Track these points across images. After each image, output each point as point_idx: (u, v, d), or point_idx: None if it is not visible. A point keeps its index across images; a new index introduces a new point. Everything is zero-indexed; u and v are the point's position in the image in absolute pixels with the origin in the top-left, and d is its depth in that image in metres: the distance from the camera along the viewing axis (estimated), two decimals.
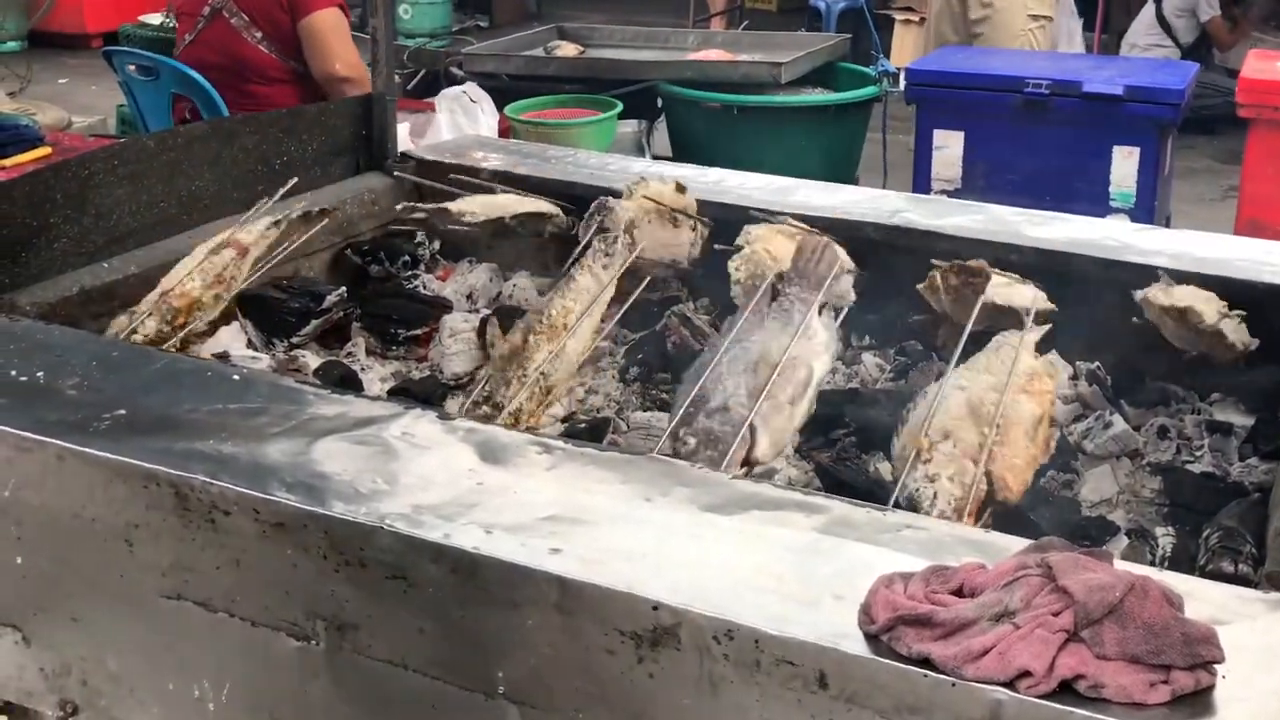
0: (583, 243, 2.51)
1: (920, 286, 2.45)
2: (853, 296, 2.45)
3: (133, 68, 4.87)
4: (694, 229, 2.71)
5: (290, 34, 4.30)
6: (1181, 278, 2.38)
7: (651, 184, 2.71)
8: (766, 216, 2.65)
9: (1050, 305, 2.36)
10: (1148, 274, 2.41)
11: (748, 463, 1.99)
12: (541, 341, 2.26)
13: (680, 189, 2.73)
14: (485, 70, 4.90)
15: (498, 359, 2.28)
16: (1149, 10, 8.95)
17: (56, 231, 2.48)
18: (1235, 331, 2.29)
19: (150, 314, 2.34)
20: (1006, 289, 2.38)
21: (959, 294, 2.38)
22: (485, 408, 2.17)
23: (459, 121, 4.03)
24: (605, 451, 1.88)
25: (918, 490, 1.89)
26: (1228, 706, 1.31)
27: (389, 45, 3.11)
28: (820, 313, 2.28)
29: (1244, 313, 2.31)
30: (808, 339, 2.20)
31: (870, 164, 5.47)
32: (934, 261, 2.44)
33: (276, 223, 2.61)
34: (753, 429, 2.01)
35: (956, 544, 1.59)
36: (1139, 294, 2.34)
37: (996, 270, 2.39)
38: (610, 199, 2.63)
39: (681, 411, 2.04)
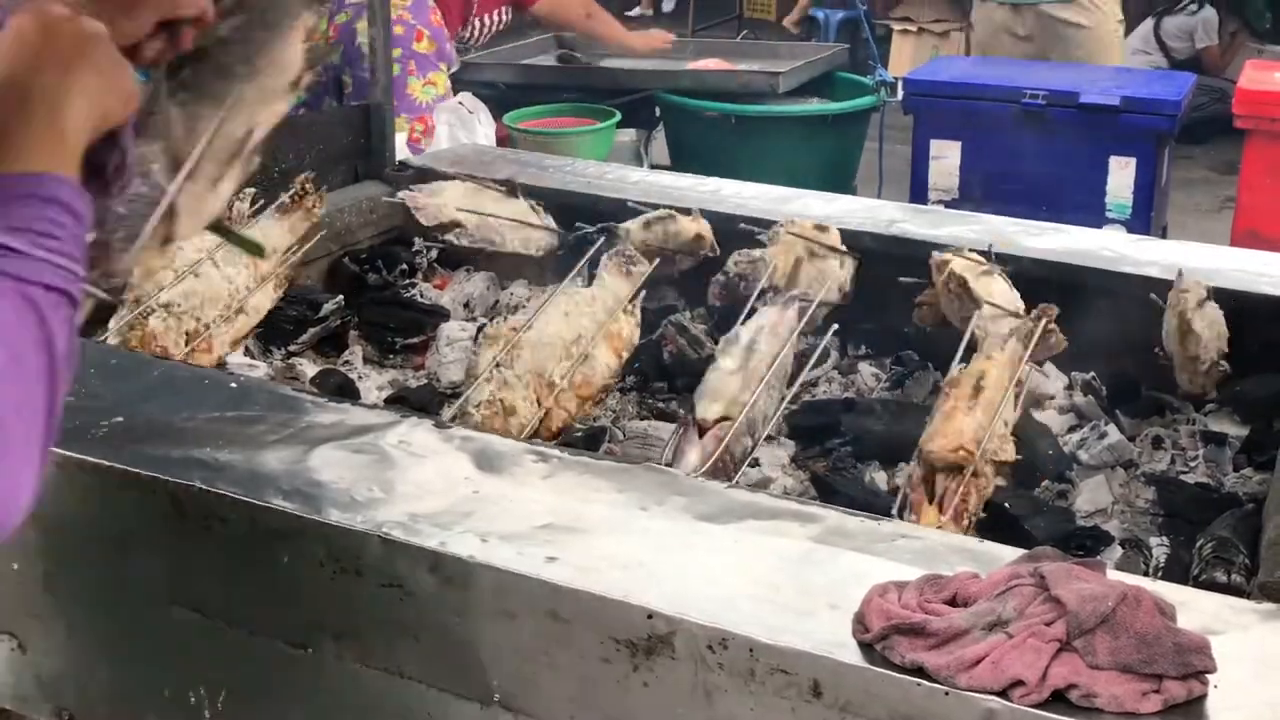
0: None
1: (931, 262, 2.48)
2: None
3: None
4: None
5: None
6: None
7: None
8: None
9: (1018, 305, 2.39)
10: (1145, 284, 2.41)
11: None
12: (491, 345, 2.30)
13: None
14: (483, 79, 4.91)
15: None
16: (1146, 24, 8.97)
17: None
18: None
19: None
20: (982, 281, 2.40)
21: (957, 296, 2.39)
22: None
23: (456, 132, 4.04)
24: (601, 460, 1.89)
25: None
26: (1220, 716, 1.32)
27: (386, 55, 3.12)
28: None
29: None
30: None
31: (868, 173, 5.48)
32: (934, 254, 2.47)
33: None
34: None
35: (950, 553, 1.59)
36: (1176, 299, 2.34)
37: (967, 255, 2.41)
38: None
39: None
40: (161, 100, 1.69)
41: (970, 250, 2.50)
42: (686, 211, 2.76)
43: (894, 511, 1.87)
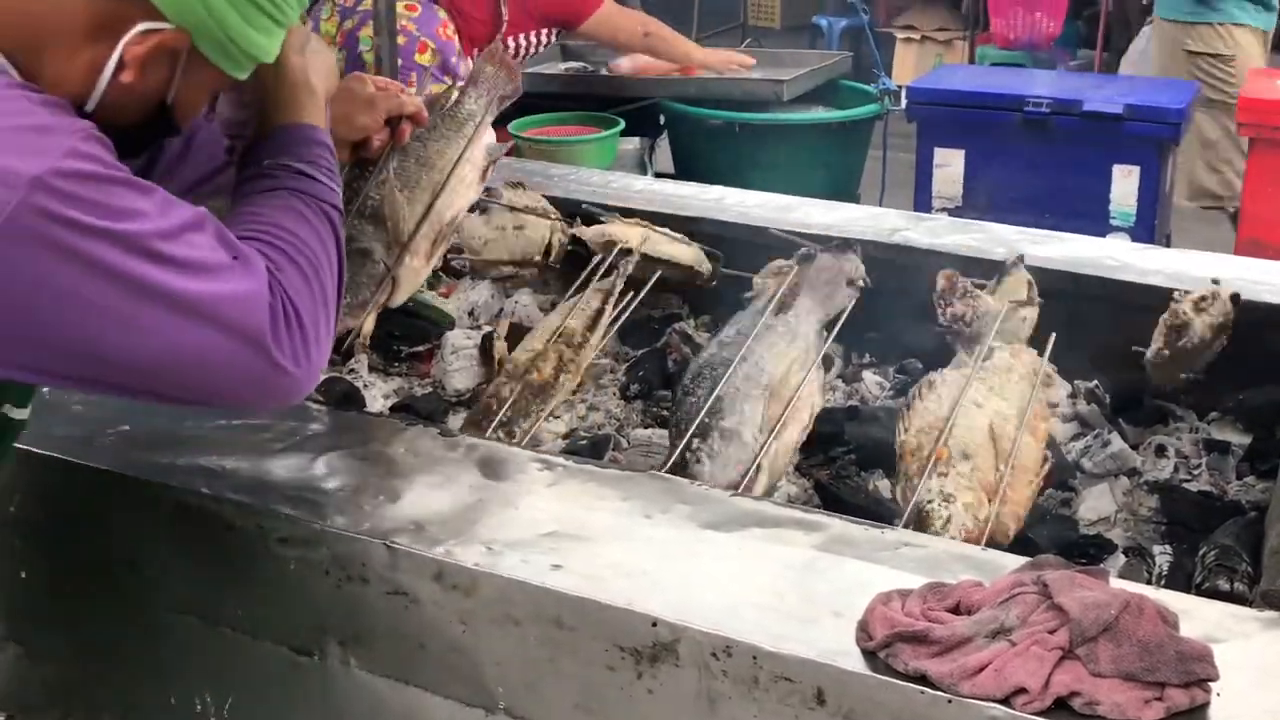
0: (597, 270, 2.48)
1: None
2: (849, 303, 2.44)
3: None
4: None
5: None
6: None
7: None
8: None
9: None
10: (1148, 293, 2.42)
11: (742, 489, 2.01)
12: (569, 379, 2.25)
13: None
14: None
15: (524, 389, 2.21)
16: (1147, 40, 8.92)
17: None
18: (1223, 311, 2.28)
19: None
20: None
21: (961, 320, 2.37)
22: (500, 434, 2.14)
23: None
24: (606, 468, 1.90)
25: (932, 506, 1.88)
26: None
27: (392, 64, 3.13)
28: (825, 336, 2.29)
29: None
30: (817, 371, 2.20)
31: (872, 181, 5.48)
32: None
33: None
34: (759, 466, 2.01)
35: (954, 561, 1.60)
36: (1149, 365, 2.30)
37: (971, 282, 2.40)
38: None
39: (698, 421, 2.03)
40: (389, 188, 2.05)
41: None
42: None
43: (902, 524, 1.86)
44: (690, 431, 2.03)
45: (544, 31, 4.57)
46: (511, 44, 4.44)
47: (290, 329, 1.48)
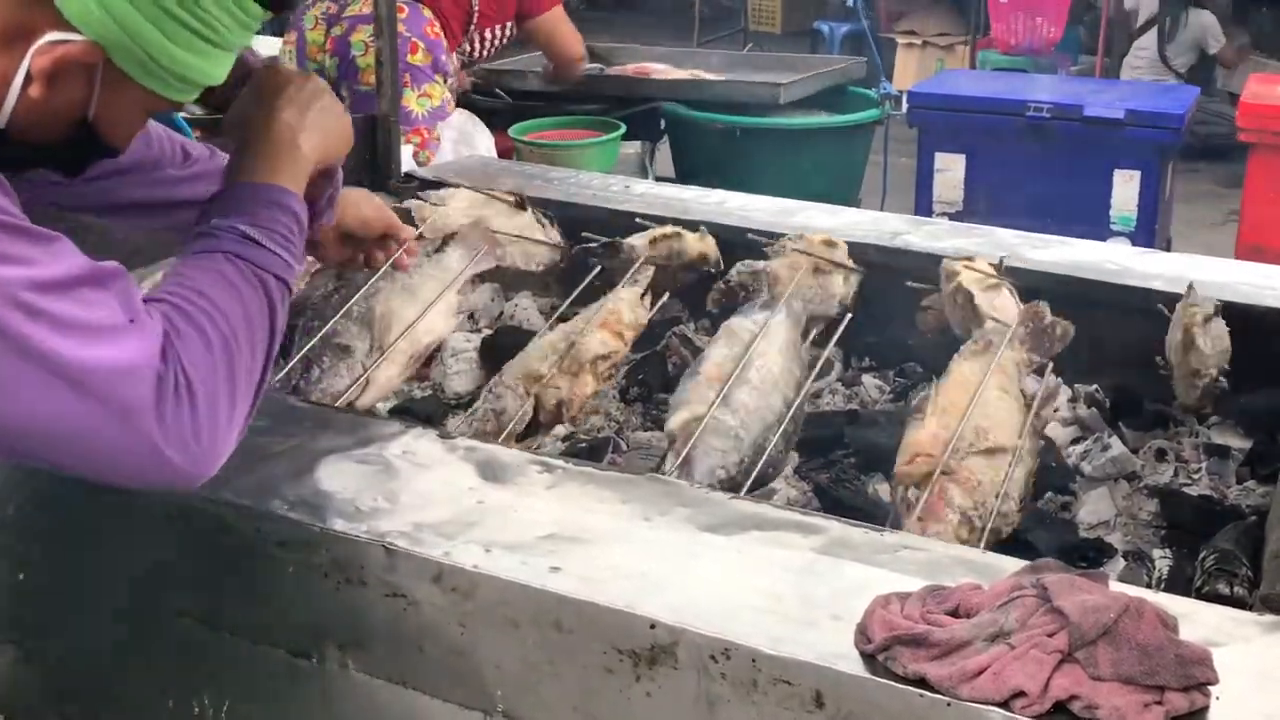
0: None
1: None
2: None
3: None
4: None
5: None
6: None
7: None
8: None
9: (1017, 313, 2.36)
10: (1149, 297, 2.41)
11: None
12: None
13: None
14: (488, 91, 4.92)
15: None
16: (1151, 50, 8.93)
17: None
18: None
19: None
20: (988, 295, 2.39)
21: (963, 309, 2.39)
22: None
23: (458, 146, 4.05)
24: (605, 471, 1.89)
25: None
26: None
27: (394, 68, 3.13)
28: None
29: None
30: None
31: (873, 186, 5.48)
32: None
33: None
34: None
35: (953, 564, 1.60)
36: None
37: (977, 266, 2.42)
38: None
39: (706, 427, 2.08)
40: (381, 298, 2.28)
41: (982, 260, 2.48)
42: (694, 228, 2.72)
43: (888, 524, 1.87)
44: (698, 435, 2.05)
45: (510, 24, 4.60)
46: (478, 39, 4.46)
47: (180, 406, 1.35)
